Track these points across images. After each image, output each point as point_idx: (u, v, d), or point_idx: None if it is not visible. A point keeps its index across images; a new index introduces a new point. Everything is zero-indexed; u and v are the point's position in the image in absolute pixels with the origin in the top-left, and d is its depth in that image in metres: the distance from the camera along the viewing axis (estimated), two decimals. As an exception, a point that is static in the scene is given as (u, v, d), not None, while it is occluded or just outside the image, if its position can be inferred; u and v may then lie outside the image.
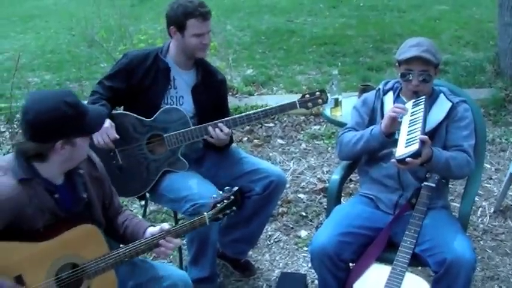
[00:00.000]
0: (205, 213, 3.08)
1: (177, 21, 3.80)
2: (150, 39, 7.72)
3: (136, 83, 3.88)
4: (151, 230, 3.02)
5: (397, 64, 3.56)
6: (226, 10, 13.25)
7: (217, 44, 8.38)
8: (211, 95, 4.03)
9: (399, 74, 3.53)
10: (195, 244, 3.83)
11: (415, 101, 3.45)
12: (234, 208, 3.19)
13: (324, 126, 6.71)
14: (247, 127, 6.67)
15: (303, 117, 7.00)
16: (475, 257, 3.17)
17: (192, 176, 3.86)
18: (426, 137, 3.21)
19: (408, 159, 3.15)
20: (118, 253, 2.88)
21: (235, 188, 3.21)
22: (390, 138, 3.42)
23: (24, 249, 2.66)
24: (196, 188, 3.65)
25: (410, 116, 3.37)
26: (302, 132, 6.75)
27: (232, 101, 6.90)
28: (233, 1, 14.65)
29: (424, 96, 3.44)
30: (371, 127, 3.55)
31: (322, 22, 12.16)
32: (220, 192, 3.20)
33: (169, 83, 3.92)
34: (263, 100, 7.32)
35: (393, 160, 3.22)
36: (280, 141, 6.57)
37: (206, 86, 4.01)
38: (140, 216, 4.56)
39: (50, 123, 2.64)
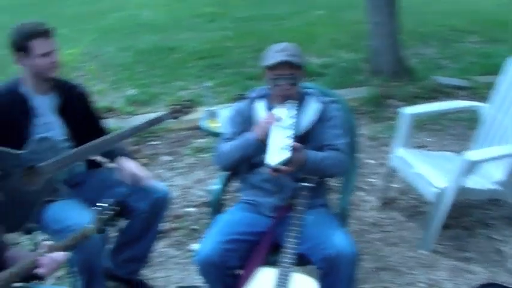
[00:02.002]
0: (88, 225, 3.02)
1: (21, 46, 3.71)
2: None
3: None
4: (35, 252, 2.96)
5: (264, 71, 3.61)
6: (105, 32, 13.15)
7: (97, 66, 8.33)
8: (79, 110, 3.99)
9: (268, 80, 3.58)
10: (82, 275, 3.75)
11: (285, 106, 3.50)
12: (119, 219, 3.16)
13: (208, 139, 6.73)
14: (135, 147, 6.63)
15: (188, 132, 7.02)
16: (355, 251, 3.26)
17: (73, 204, 3.79)
18: (298, 144, 3.29)
19: (281, 166, 3.22)
20: (4, 274, 2.78)
21: (117, 199, 3.18)
22: (265, 144, 3.47)
23: None
24: (77, 217, 3.57)
25: (282, 122, 3.42)
26: (188, 146, 6.77)
27: (115, 123, 6.83)
28: (113, 22, 14.55)
29: (295, 101, 3.50)
30: (246, 135, 3.58)
31: (202, 36, 12.21)
32: (103, 203, 3.12)
33: (31, 114, 3.82)
34: (146, 119, 7.24)
35: (266, 168, 3.28)
36: (166, 157, 6.55)
37: (70, 104, 3.94)
38: (29, 247, 4.49)
39: None
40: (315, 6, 14.38)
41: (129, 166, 3.93)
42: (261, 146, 3.46)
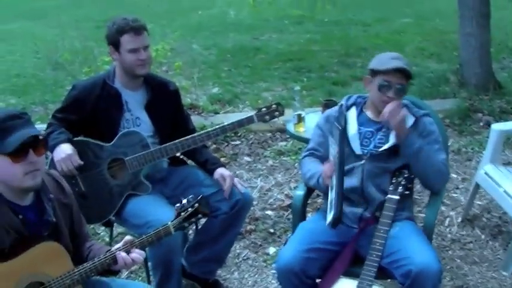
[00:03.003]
0: (169, 222, 3.01)
1: (112, 40, 3.79)
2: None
3: (88, 114, 3.85)
4: (115, 246, 2.98)
5: (369, 75, 3.52)
6: (191, 29, 13.30)
7: (183, 63, 8.38)
8: (167, 108, 4.02)
9: (372, 85, 3.50)
10: (159, 270, 3.79)
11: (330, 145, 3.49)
12: (200, 216, 3.11)
13: (290, 142, 6.71)
14: (214, 146, 6.65)
15: (269, 134, 7.01)
16: (440, 268, 3.16)
17: (154, 199, 3.84)
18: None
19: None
20: (83, 268, 2.82)
21: (200, 196, 3.12)
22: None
23: None
24: (157, 213, 3.59)
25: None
26: (269, 149, 6.75)
27: (197, 120, 6.88)
28: (199, 20, 14.71)
29: (338, 131, 3.42)
30: (320, 171, 3.53)
31: (288, 38, 12.25)
32: (185, 201, 3.11)
33: (122, 108, 3.89)
34: (229, 118, 7.14)
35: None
36: (247, 158, 6.55)
37: (159, 101, 3.98)
38: (107, 239, 4.54)
39: None
40: (402, 14, 14.23)
41: (228, 176, 3.96)
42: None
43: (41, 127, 3.20)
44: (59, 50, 9.81)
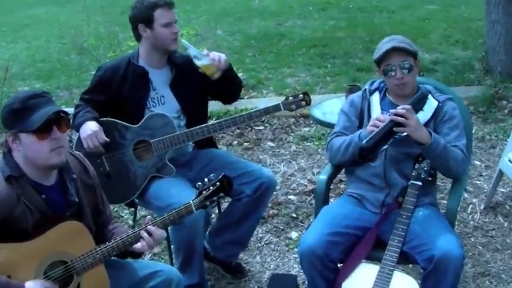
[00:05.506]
0: (191, 201, 3.03)
1: (143, 17, 3.84)
2: (139, 46, 7.73)
3: (115, 94, 3.91)
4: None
5: (377, 67, 3.57)
6: (216, 15, 13.29)
7: (207, 48, 8.39)
8: (193, 84, 4.04)
9: (382, 74, 3.53)
10: (181, 253, 3.83)
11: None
12: (221, 195, 3.12)
13: (314, 127, 6.72)
14: (237, 130, 6.68)
15: (292, 120, 7.00)
16: (463, 253, 3.17)
17: (178, 182, 3.87)
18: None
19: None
20: (105, 247, 2.87)
21: (221, 175, 3.13)
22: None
23: (11, 250, 2.67)
24: (181, 196, 3.59)
25: None
26: (292, 134, 6.76)
27: (221, 105, 6.88)
28: (223, 6, 14.68)
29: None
30: (359, 132, 3.54)
31: (312, 25, 12.19)
32: (206, 179, 3.12)
33: (148, 86, 3.94)
34: (253, 103, 7.32)
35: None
36: (270, 143, 6.57)
37: (185, 78, 4.02)
38: (131, 222, 4.58)
39: (3, 115, 2.76)
40: (427, 1, 14.09)
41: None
42: None
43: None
44: (84, 35, 9.88)
